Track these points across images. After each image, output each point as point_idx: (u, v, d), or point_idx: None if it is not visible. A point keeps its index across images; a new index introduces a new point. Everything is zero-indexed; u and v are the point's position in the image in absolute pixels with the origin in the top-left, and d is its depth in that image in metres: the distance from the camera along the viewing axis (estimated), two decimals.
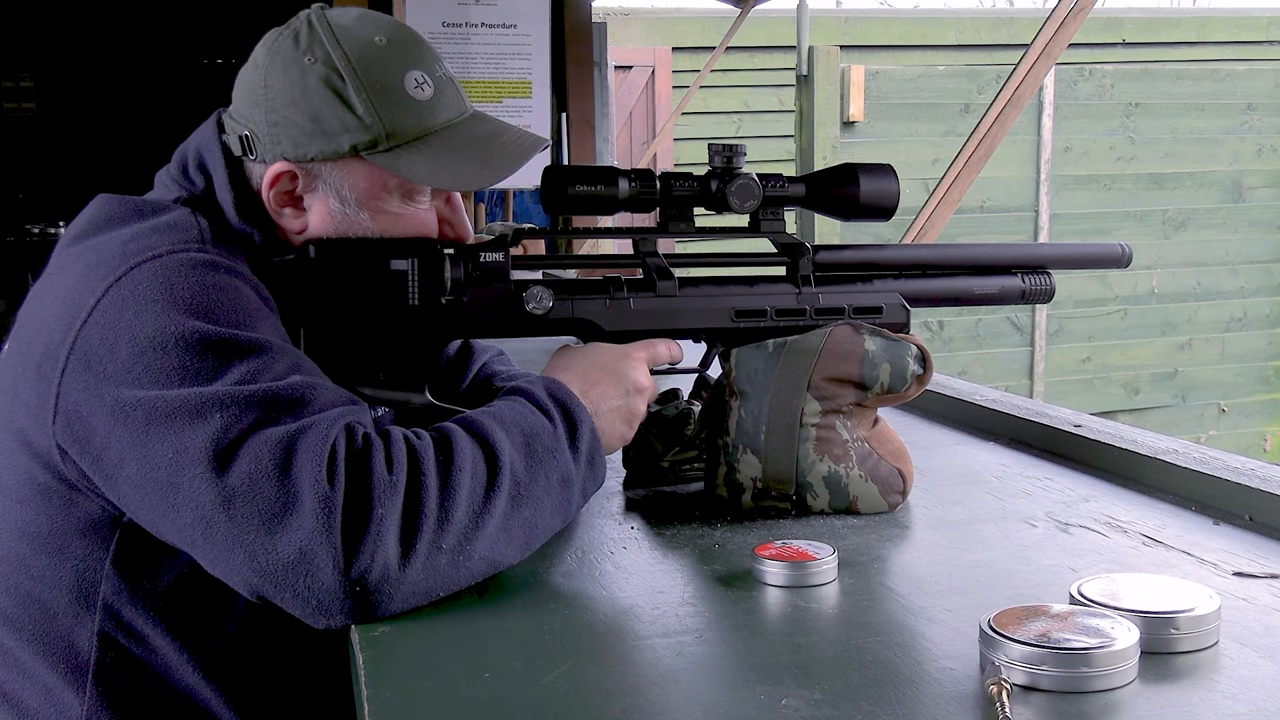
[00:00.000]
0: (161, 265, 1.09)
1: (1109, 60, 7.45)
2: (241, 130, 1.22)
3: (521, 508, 1.06)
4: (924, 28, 7.94)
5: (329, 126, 1.18)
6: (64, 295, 1.11)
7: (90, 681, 1.14)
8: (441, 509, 1.01)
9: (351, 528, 0.97)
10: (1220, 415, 7.19)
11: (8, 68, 5.21)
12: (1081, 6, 3.07)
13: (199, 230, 1.15)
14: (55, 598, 1.14)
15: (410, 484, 1.00)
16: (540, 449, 1.09)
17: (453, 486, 1.02)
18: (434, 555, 0.99)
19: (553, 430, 1.10)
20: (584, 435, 1.12)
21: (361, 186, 1.21)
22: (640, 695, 0.84)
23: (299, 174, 1.21)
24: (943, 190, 3.28)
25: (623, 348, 1.23)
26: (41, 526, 1.14)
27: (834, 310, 1.30)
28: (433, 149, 1.21)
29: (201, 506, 0.98)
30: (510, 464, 1.06)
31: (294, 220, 1.23)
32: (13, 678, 1.17)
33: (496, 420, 1.09)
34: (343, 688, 1.02)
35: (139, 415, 1.02)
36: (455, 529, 1.01)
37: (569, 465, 1.10)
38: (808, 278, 1.30)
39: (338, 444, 1.00)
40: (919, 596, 1.02)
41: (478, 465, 1.04)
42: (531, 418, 1.10)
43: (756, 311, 1.29)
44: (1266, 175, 7.12)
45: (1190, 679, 0.84)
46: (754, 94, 7.59)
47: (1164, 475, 1.32)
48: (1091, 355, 6.96)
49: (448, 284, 1.21)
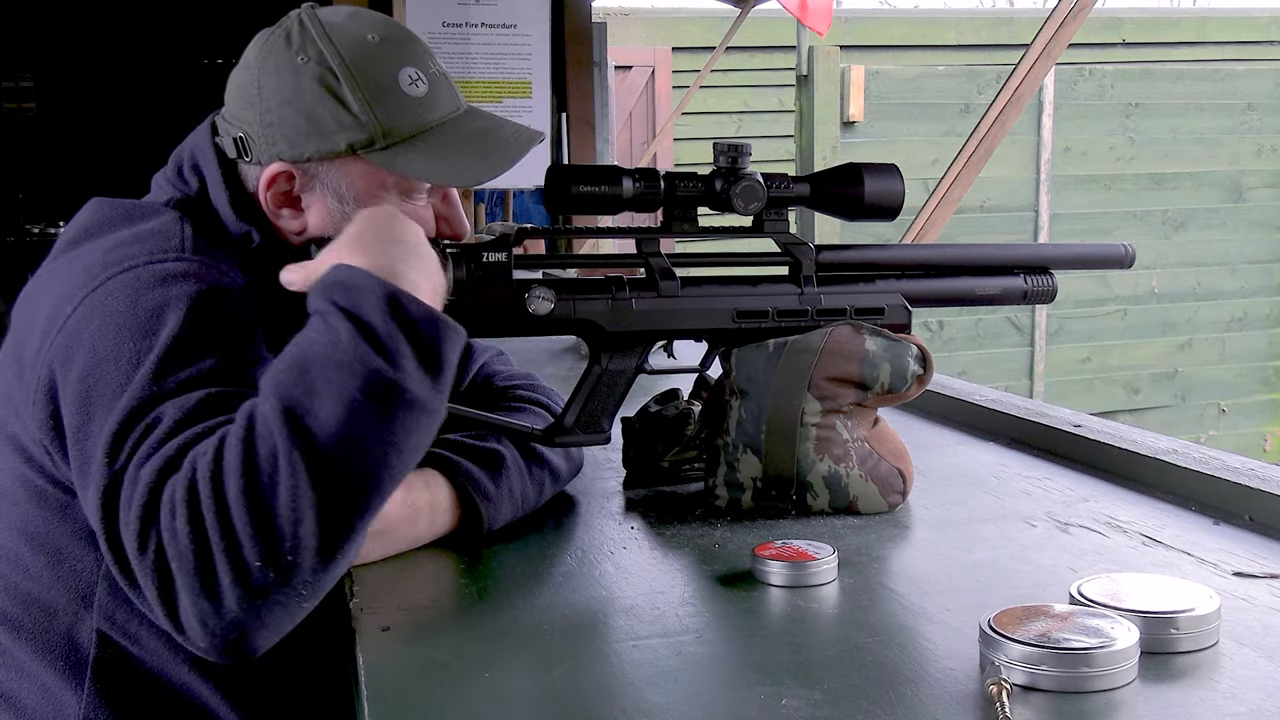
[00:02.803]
0: (133, 277, 1.09)
1: (1109, 60, 7.45)
2: (236, 132, 1.21)
3: (334, 465, 0.90)
4: (924, 28, 7.94)
5: (325, 126, 1.18)
6: (51, 302, 1.12)
7: (89, 679, 1.14)
8: (224, 540, 0.89)
9: (166, 600, 0.91)
10: (1220, 415, 7.19)
11: (8, 68, 5.21)
12: (1081, 6, 3.07)
13: (181, 239, 1.14)
14: (55, 597, 1.14)
15: (191, 525, 0.90)
16: (318, 375, 0.92)
17: (227, 512, 0.89)
18: (243, 583, 0.89)
19: (333, 340, 0.93)
20: (371, 309, 0.95)
21: (360, 185, 1.20)
22: (640, 695, 0.84)
23: (296, 174, 1.20)
24: (943, 190, 3.28)
25: (377, 210, 1.11)
26: (39, 528, 1.14)
27: (836, 311, 1.30)
28: (429, 146, 1.20)
29: (96, 486, 0.97)
30: (285, 422, 0.91)
31: (293, 221, 1.23)
32: (10, 677, 1.17)
33: (270, 373, 0.96)
34: (343, 688, 1.02)
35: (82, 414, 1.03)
36: (246, 552, 0.89)
37: (371, 363, 0.92)
38: (810, 278, 1.30)
39: (161, 495, 0.93)
40: (919, 596, 1.02)
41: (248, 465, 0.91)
42: (308, 342, 0.95)
43: (759, 312, 1.29)
44: (1266, 175, 7.12)
45: (1190, 679, 0.84)
46: (754, 94, 7.59)
47: (1164, 475, 1.32)
48: (1091, 355, 6.95)
49: (449, 283, 1.21)
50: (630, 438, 1.42)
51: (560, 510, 1.29)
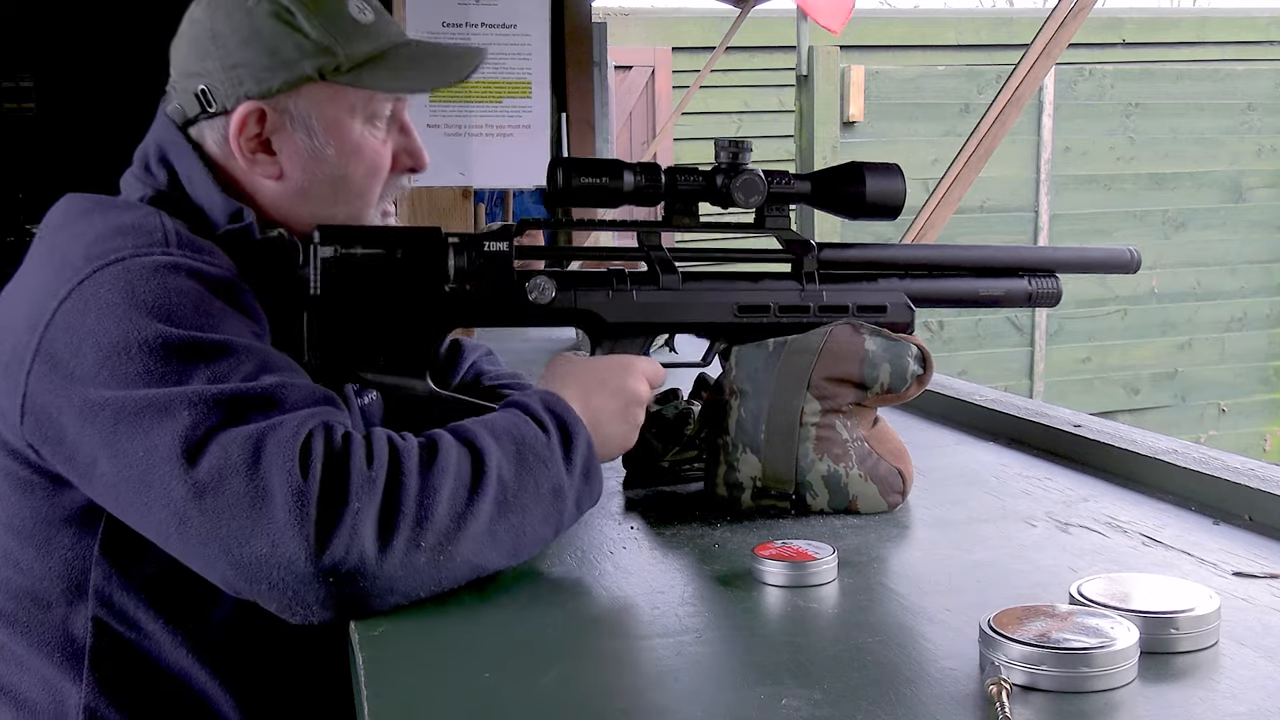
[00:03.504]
0: (124, 269, 1.08)
1: (1109, 60, 7.45)
2: (196, 86, 1.23)
3: (508, 514, 1.05)
4: (924, 28, 7.94)
5: (288, 56, 1.21)
6: (30, 297, 1.11)
7: (87, 669, 1.15)
8: (421, 506, 1.00)
9: (325, 519, 0.97)
10: (1220, 415, 7.19)
11: (8, 68, 5.21)
12: (1081, 6, 3.07)
13: (164, 232, 1.14)
14: (47, 589, 1.15)
15: (390, 480, 1.00)
16: (531, 457, 1.08)
17: (434, 486, 1.02)
18: (412, 553, 0.99)
19: (546, 440, 1.10)
20: (579, 447, 1.12)
21: (328, 113, 1.23)
22: (640, 695, 0.84)
23: (267, 112, 1.22)
24: (943, 190, 3.28)
25: (623, 358, 1.23)
26: (26, 520, 1.14)
27: (838, 308, 1.30)
28: (389, 65, 1.25)
29: (174, 502, 0.99)
30: (498, 469, 1.05)
31: (268, 166, 1.24)
32: (10, 671, 1.17)
33: (487, 428, 1.09)
34: (343, 688, 1.02)
35: (107, 414, 1.02)
36: (435, 528, 1.00)
37: (561, 475, 1.09)
38: (812, 275, 1.30)
39: (314, 440, 1.00)
40: (919, 596, 1.02)
41: (462, 467, 1.04)
42: (525, 427, 1.10)
43: (760, 307, 1.29)
44: (1266, 175, 7.12)
45: (1190, 679, 0.84)
46: (754, 94, 7.58)
47: (1164, 475, 1.32)
48: (1091, 355, 6.96)
49: (451, 272, 1.21)
50: None
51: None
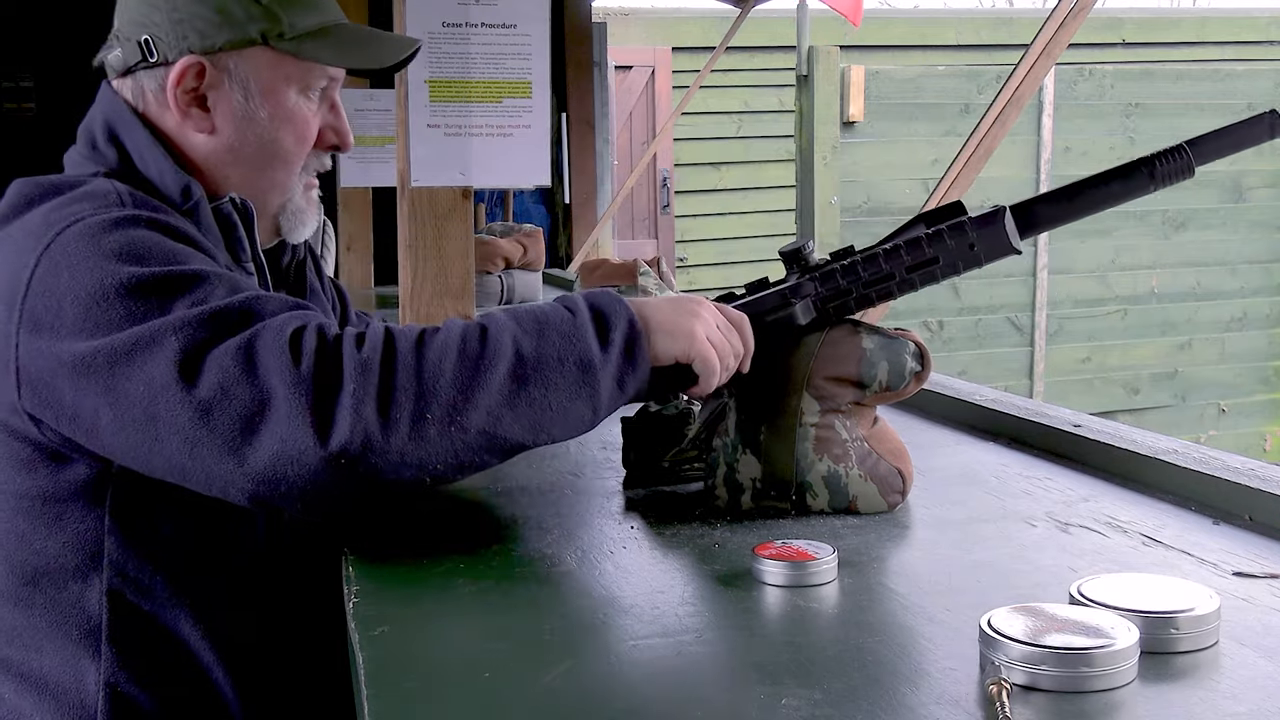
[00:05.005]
0: (85, 226, 1.11)
1: (1109, 60, 7.45)
2: (140, 36, 1.25)
3: (527, 386, 1.06)
4: (924, 28, 7.95)
5: (235, 16, 1.24)
6: (2, 277, 1.13)
7: (105, 644, 1.16)
8: (420, 381, 1.02)
9: (324, 403, 0.99)
10: (1220, 415, 7.19)
11: (8, 68, 5.21)
12: (1081, 6, 3.07)
13: (118, 195, 1.17)
14: (61, 565, 1.15)
15: (385, 360, 1.02)
16: (553, 333, 1.09)
17: (433, 359, 1.03)
18: (420, 425, 1.01)
19: (571, 319, 1.10)
20: (618, 325, 1.11)
21: (266, 77, 1.27)
22: (640, 695, 0.84)
23: (207, 67, 1.25)
24: (943, 190, 3.28)
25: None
26: (35, 499, 1.15)
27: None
28: (331, 40, 1.29)
29: (182, 428, 1.00)
30: (514, 344, 1.06)
31: (200, 121, 1.27)
32: (29, 656, 1.17)
33: (510, 313, 1.12)
34: (343, 688, 1.02)
35: (100, 362, 1.03)
36: (441, 400, 1.02)
37: (590, 350, 1.09)
38: None
39: (304, 334, 1.02)
40: (919, 596, 1.02)
41: (469, 344, 1.05)
42: (552, 311, 1.12)
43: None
44: (1266, 175, 7.12)
45: (1190, 679, 0.84)
46: (754, 94, 7.58)
47: (1164, 475, 1.32)
48: (1091, 355, 6.96)
49: None
50: (630, 438, 1.42)
51: (560, 510, 1.29)
